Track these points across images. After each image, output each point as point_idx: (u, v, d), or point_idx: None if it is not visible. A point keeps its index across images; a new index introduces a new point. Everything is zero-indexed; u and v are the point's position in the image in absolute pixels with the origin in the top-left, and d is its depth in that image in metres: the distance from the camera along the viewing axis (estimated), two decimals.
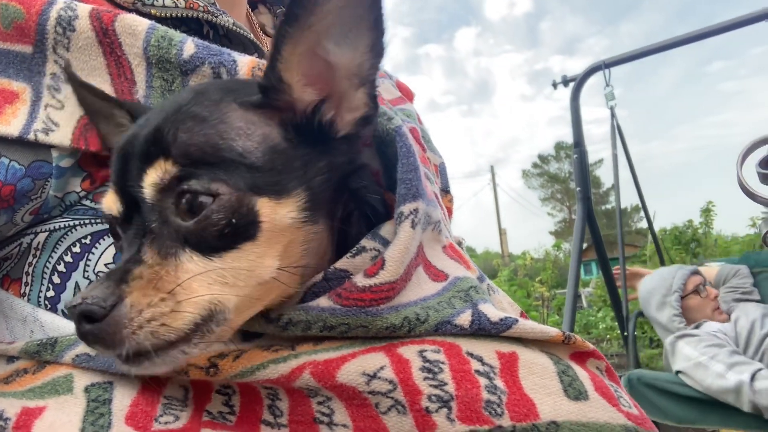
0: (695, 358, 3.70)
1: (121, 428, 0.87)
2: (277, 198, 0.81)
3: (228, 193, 0.78)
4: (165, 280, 0.78)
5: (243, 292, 0.80)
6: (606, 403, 0.84)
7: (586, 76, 5.35)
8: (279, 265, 0.82)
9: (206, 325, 0.79)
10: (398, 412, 0.81)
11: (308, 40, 0.82)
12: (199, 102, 0.86)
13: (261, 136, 0.84)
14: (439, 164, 1.65)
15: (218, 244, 0.79)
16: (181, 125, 0.83)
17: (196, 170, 0.80)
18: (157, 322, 0.75)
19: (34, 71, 1.03)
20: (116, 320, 0.74)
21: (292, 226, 0.82)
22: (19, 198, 0.98)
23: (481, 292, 0.95)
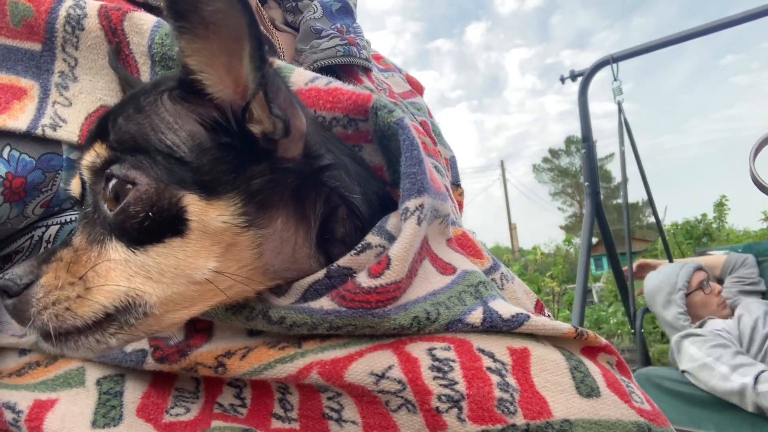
0: (700, 359, 3.71)
1: (132, 420, 0.88)
2: (208, 198, 0.78)
3: (146, 183, 0.77)
4: (81, 264, 0.78)
5: (170, 289, 0.78)
6: (618, 400, 0.83)
7: (594, 71, 5.32)
8: (216, 267, 0.79)
9: (123, 316, 0.78)
10: (408, 411, 0.80)
11: (218, 36, 0.76)
12: (149, 91, 0.85)
13: (187, 132, 0.81)
14: (449, 158, 1.64)
15: (140, 236, 0.77)
16: (124, 113, 0.83)
17: (123, 156, 0.79)
18: (61, 306, 0.76)
19: (43, 69, 1.04)
20: (27, 299, 0.76)
21: (229, 231, 0.79)
22: (30, 190, 0.98)
23: (490, 288, 0.94)
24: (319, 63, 1.34)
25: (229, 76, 0.80)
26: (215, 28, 0.74)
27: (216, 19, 0.73)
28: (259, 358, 0.84)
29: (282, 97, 0.82)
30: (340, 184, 0.89)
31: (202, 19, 0.73)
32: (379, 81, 1.52)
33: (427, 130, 1.53)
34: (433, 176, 0.94)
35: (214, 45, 0.76)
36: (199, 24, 0.74)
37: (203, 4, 0.72)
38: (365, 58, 1.43)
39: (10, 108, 0.99)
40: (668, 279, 4.32)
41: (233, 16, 0.72)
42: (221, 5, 0.72)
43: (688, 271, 4.27)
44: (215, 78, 0.80)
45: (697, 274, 4.29)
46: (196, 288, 0.80)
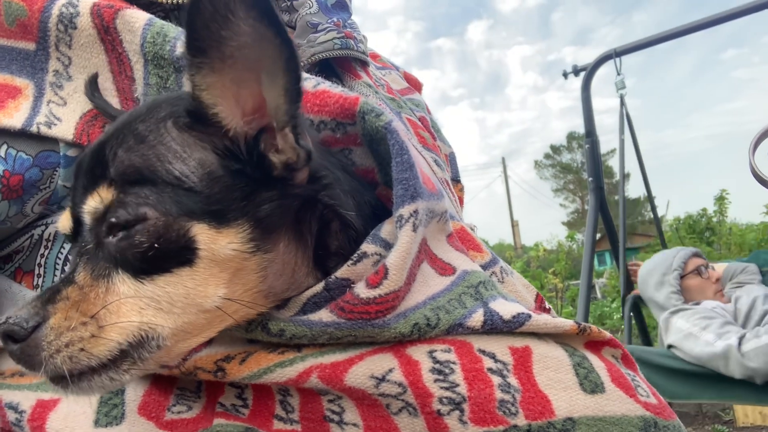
0: (687, 329, 3.63)
1: (134, 418, 0.88)
2: (217, 227, 0.77)
3: (154, 217, 0.76)
4: (91, 302, 0.77)
5: (181, 319, 0.78)
6: (623, 395, 0.83)
7: (597, 65, 5.30)
8: (225, 293, 0.79)
9: (136, 351, 0.77)
10: (409, 413, 0.80)
11: (235, 69, 0.76)
12: (145, 118, 0.84)
13: (197, 160, 0.80)
14: (449, 154, 1.64)
15: (149, 267, 0.77)
16: (123, 144, 0.81)
17: (128, 195, 0.78)
18: (75, 347, 0.74)
19: (37, 68, 1.03)
20: (36, 342, 0.74)
21: (237, 257, 0.79)
22: (28, 188, 0.98)
23: (491, 288, 0.93)
24: (316, 56, 1.33)
25: (239, 106, 0.79)
26: (232, 62, 0.74)
27: (238, 53, 0.72)
28: (258, 363, 0.84)
29: (301, 123, 0.81)
30: (336, 202, 0.89)
31: (223, 54, 0.73)
32: (377, 77, 1.52)
33: (426, 126, 1.52)
34: (426, 177, 0.93)
35: (227, 78, 0.76)
36: (218, 59, 0.73)
37: (228, 39, 0.71)
38: (363, 51, 1.42)
39: (5, 106, 0.99)
40: (663, 261, 4.24)
41: (259, 50, 0.72)
42: (247, 40, 0.71)
43: (685, 254, 4.19)
44: (226, 108, 0.79)
45: (695, 259, 4.19)
46: (206, 316, 0.80)
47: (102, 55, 1.05)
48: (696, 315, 3.68)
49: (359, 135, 0.96)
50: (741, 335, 3.37)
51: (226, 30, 0.71)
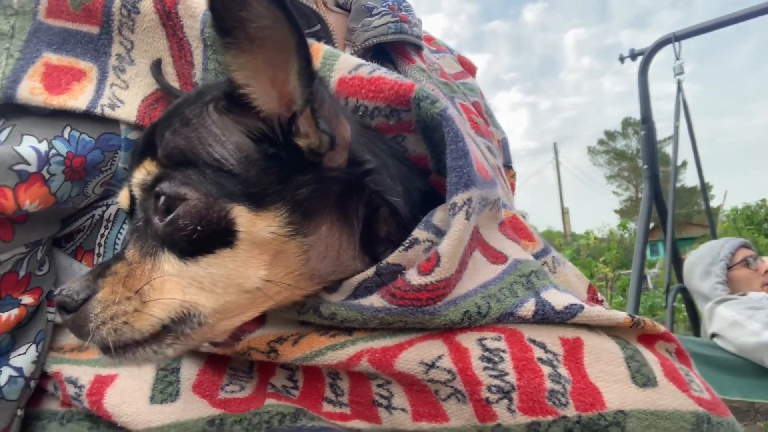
0: (732, 318, 3.51)
1: (188, 396, 0.90)
2: (256, 209, 0.78)
3: (195, 198, 0.78)
4: (136, 278, 0.80)
5: (223, 298, 0.80)
6: (676, 389, 0.81)
7: (655, 50, 5.14)
8: (265, 275, 0.80)
9: (178, 327, 0.79)
10: (458, 400, 0.80)
11: (263, 49, 0.76)
12: (193, 102, 0.86)
13: (235, 144, 0.81)
14: (501, 139, 1.62)
15: (190, 248, 0.79)
16: (170, 126, 0.84)
17: (174, 172, 0.80)
18: (119, 320, 0.77)
19: (101, 51, 1.06)
20: (85, 314, 0.78)
21: (276, 240, 0.80)
22: (90, 169, 1.01)
23: (543, 277, 0.92)
24: (370, 41, 1.33)
25: (274, 88, 0.80)
26: (261, 42, 0.74)
27: (262, 34, 0.73)
28: (310, 345, 0.85)
29: (327, 108, 0.81)
30: (382, 188, 0.89)
31: (248, 34, 0.74)
32: (431, 61, 1.50)
33: (480, 111, 1.50)
34: (480, 165, 0.93)
35: (259, 58, 0.76)
36: (245, 39, 0.74)
37: (249, 21, 0.72)
38: (417, 35, 1.41)
39: (70, 89, 1.02)
40: (710, 251, 4.11)
41: (280, 33, 0.72)
42: (267, 22, 0.72)
43: (733, 245, 4.05)
44: (261, 91, 0.80)
45: (743, 250, 4.03)
46: (248, 296, 0.81)
47: (163, 39, 1.07)
48: (742, 305, 3.57)
49: (413, 122, 0.95)
50: None
51: (245, 11, 0.71)
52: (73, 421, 0.98)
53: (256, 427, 0.85)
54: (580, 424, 0.77)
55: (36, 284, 1.04)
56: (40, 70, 1.01)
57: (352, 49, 1.32)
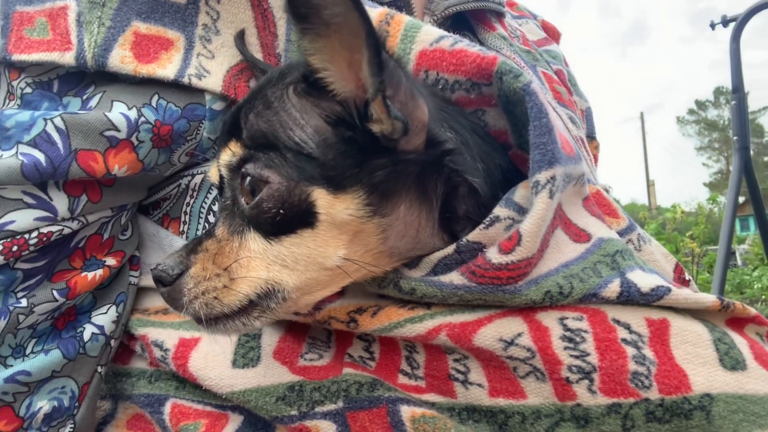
0: None
1: (269, 362, 0.93)
2: (335, 192, 0.80)
3: (278, 182, 0.80)
4: (226, 255, 0.84)
5: (304, 275, 0.82)
6: (766, 373, 0.78)
7: (750, 15, 4.82)
8: (345, 254, 0.82)
9: (264, 302, 0.83)
10: (537, 378, 0.80)
11: (340, 34, 0.75)
12: (275, 83, 0.87)
13: (313, 127, 0.82)
14: (585, 109, 1.57)
15: (274, 229, 0.81)
16: (254, 108, 0.86)
17: (258, 153, 0.83)
18: (210, 296, 0.82)
19: (188, 21, 1.07)
20: (179, 288, 0.83)
21: (355, 222, 0.81)
22: (176, 138, 1.04)
23: (628, 257, 0.89)
24: (451, 9, 1.30)
25: (351, 71, 0.80)
26: (336, 27, 0.75)
27: (336, 20, 0.73)
28: (389, 317, 0.86)
29: (402, 91, 0.81)
30: (462, 168, 0.88)
31: (323, 20, 0.74)
32: (512, 28, 1.46)
33: (563, 80, 1.46)
34: (564, 139, 0.90)
35: (335, 42, 0.77)
36: (321, 24, 0.75)
37: (322, 8, 0.72)
38: (499, 2, 1.37)
39: (159, 58, 1.04)
40: None
41: (351, 22, 0.72)
42: (339, 9, 0.72)
43: None
44: (337, 74, 0.80)
45: None
46: (328, 273, 0.83)
47: (248, 10, 1.08)
48: None
49: (494, 96, 0.93)
50: None
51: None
52: (161, 380, 1.03)
53: (334, 394, 0.87)
54: (662, 407, 0.75)
55: (119, 247, 1.09)
56: (130, 39, 1.03)
57: (432, 17, 1.29)
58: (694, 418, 0.75)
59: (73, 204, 0.97)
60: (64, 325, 1.03)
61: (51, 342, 1.00)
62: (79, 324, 1.04)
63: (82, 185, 0.98)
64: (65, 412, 0.99)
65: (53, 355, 0.98)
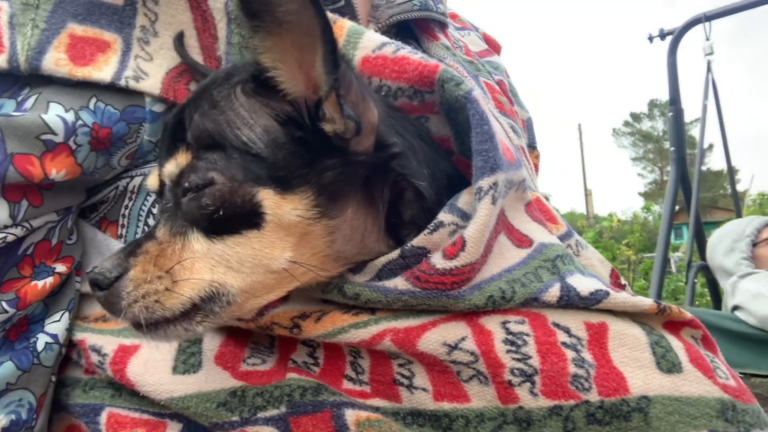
0: (755, 290, 3.50)
1: (210, 367, 0.91)
2: (282, 193, 0.79)
3: (222, 182, 0.79)
4: (167, 257, 0.81)
5: (250, 278, 0.81)
6: (701, 375, 0.81)
7: (685, 30, 5.05)
8: (291, 256, 0.81)
9: (207, 306, 0.80)
10: (480, 382, 0.80)
11: (291, 33, 0.76)
12: (221, 84, 0.86)
13: (263, 127, 0.82)
14: (526, 119, 1.60)
15: (218, 228, 0.80)
16: (199, 108, 0.85)
17: (203, 154, 0.81)
18: (151, 299, 0.79)
19: (125, 23, 1.05)
20: (118, 291, 0.79)
21: (302, 223, 0.80)
22: (116, 141, 1.01)
23: (569, 262, 0.91)
24: (395, 18, 1.31)
25: (302, 71, 0.80)
26: (288, 26, 0.74)
27: (289, 18, 0.73)
28: (333, 322, 0.85)
29: (354, 93, 0.81)
30: (408, 171, 0.89)
31: (275, 18, 0.74)
32: (455, 39, 1.48)
33: (504, 90, 1.49)
34: (505, 146, 0.91)
35: (287, 42, 0.77)
36: (273, 22, 0.74)
37: (275, 5, 0.72)
38: (442, 12, 1.39)
39: (95, 60, 1.02)
40: (735, 228, 4.10)
41: (306, 18, 0.72)
42: (293, 7, 0.72)
43: (759, 222, 4.03)
44: (288, 74, 0.80)
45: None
46: (274, 276, 0.82)
47: (187, 12, 1.06)
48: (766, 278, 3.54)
49: (437, 103, 0.94)
50: None
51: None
52: (95, 388, 1.00)
53: (277, 399, 0.86)
54: (602, 409, 0.77)
55: (67, 253, 1.06)
56: (65, 41, 1.01)
57: (376, 25, 1.30)
58: (632, 420, 0.76)
59: (14, 210, 0.94)
60: (16, 336, 0.99)
61: (4, 354, 0.96)
62: (31, 334, 1.00)
63: (21, 190, 0.95)
64: (23, 425, 0.96)
65: (6, 368, 0.94)
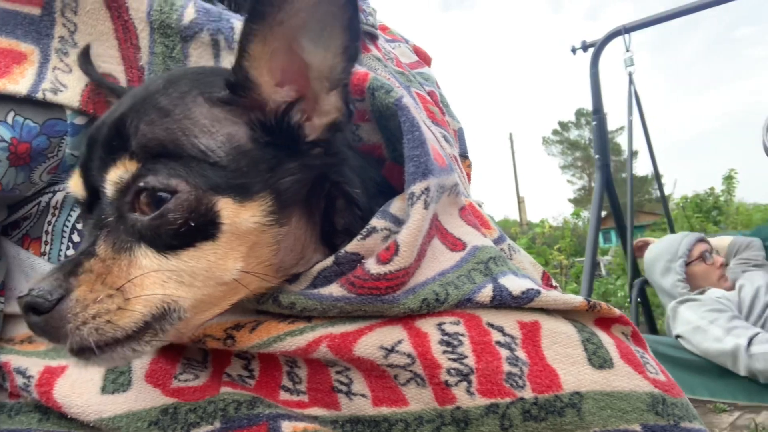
0: (695, 321, 3.63)
1: (141, 385, 0.88)
2: (241, 200, 0.78)
3: (186, 191, 0.76)
4: (115, 275, 0.77)
5: (201, 292, 0.79)
6: (631, 371, 0.83)
7: (606, 41, 5.23)
8: (242, 267, 0.80)
9: (158, 323, 0.78)
10: (417, 384, 0.80)
11: (279, 37, 0.77)
12: (167, 92, 0.83)
13: (225, 135, 0.80)
14: (457, 129, 1.63)
15: (174, 242, 0.77)
16: (144, 117, 0.81)
17: (156, 165, 0.77)
18: (102, 319, 0.74)
19: (43, 33, 1.02)
20: (61, 314, 0.73)
21: (257, 230, 0.80)
22: (36, 156, 0.98)
23: (501, 263, 0.93)
24: None
25: (273, 77, 0.81)
26: (279, 30, 0.75)
27: (292, 18, 0.74)
28: (268, 331, 0.84)
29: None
30: (343, 179, 0.89)
31: (275, 20, 0.74)
32: (386, 50, 1.50)
33: (436, 100, 1.51)
34: (436, 152, 0.93)
35: (270, 49, 0.77)
36: (268, 26, 0.75)
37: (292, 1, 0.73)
38: (372, 24, 1.40)
39: (11, 72, 0.98)
40: (669, 247, 4.24)
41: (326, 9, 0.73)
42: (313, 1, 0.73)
43: (690, 241, 4.19)
44: (266, 80, 0.80)
45: (700, 244, 4.19)
46: (224, 288, 0.81)
47: (108, 22, 1.04)
48: (703, 307, 3.68)
49: (368, 111, 0.95)
50: (752, 336, 3.35)
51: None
52: (21, 413, 0.95)
53: (211, 415, 0.84)
54: (537, 405, 0.78)
55: None
56: None
57: None
58: (566, 415, 0.78)
59: None
60: None
61: None
62: None
63: None
64: None
65: None
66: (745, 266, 4.18)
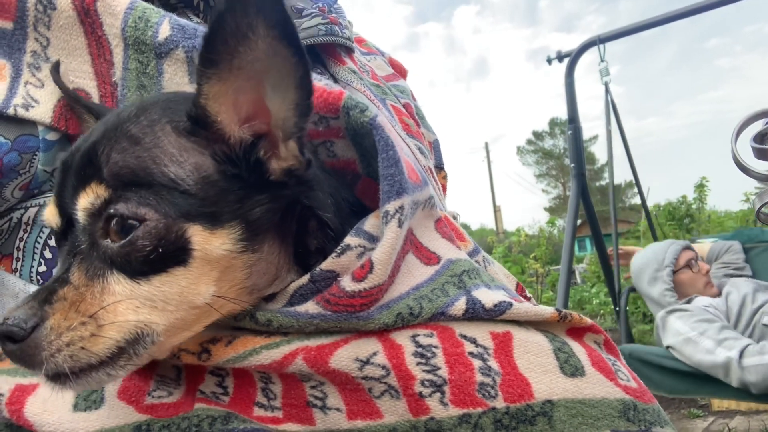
0: (685, 333, 3.66)
1: (113, 402, 0.88)
2: (211, 228, 0.79)
3: (155, 219, 0.77)
4: (88, 302, 0.77)
5: (174, 316, 0.79)
6: (603, 378, 0.84)
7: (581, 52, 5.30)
8: (215, 291, 0.81)
9: (132, 348, 0.78)
10: (392, 396, 0.81)
11: (243, 76, 0.77)
12: (138, 120, 0.84)
13: (193, 165, 0.81)
14: (432, 141, 1.64)
15: (145, 268, 0.77)
16: (116, 145, 0.81)
17: (126, 193, 0.78)
18: (76, 346, 0.75)
19: (14, 48, 1.01)
20: (36, 342, 0.74)
21: (227, 257, 0.80)
22: (7, 172, 0.97)
23: (474, 276, 0.93)
24: None
25: (236, 113, 0.81)
26: (238, 72, 0.75)
27: (247, 66, 0.74)
28: (244, 345, 0.84)
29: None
30: (315, 204, 0.90)
31: (231, 65, 0.75)
32: (362, 63, 1.51)
33: (411, 113, 1.52)
34: (411, 169, 0.94)
35: (231, 87, 0.77)
36: (226, 69, 0.75)
37: (243, 54, 0.73)
38: (348, 37, 1.41)
39: None
40: (656, 256, 4.28)
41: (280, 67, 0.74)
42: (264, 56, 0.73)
43: (676, 249, 4.24)
44: (227, 117, 0.81)
45: (686, 252, 4.24)
46: (196, 312, 0.81)
47: (81, 37, 1.03)
48: (693, 318, 3.71)
49: (342, 128, 0.96)
50: (743, 347, 3.38)
51: (243, 46, 0.73)
52: None
53: (185, 431, 0.83)
54: (508, 414, 0.79)
55: None
56: None
57: None
58: (537, 424, 0.79)
59: None
60: None
61: None
62: None
63: None
64: None
65: None
66: (726, 270, 4.26)
